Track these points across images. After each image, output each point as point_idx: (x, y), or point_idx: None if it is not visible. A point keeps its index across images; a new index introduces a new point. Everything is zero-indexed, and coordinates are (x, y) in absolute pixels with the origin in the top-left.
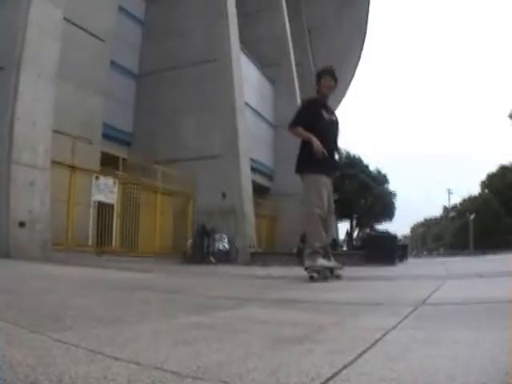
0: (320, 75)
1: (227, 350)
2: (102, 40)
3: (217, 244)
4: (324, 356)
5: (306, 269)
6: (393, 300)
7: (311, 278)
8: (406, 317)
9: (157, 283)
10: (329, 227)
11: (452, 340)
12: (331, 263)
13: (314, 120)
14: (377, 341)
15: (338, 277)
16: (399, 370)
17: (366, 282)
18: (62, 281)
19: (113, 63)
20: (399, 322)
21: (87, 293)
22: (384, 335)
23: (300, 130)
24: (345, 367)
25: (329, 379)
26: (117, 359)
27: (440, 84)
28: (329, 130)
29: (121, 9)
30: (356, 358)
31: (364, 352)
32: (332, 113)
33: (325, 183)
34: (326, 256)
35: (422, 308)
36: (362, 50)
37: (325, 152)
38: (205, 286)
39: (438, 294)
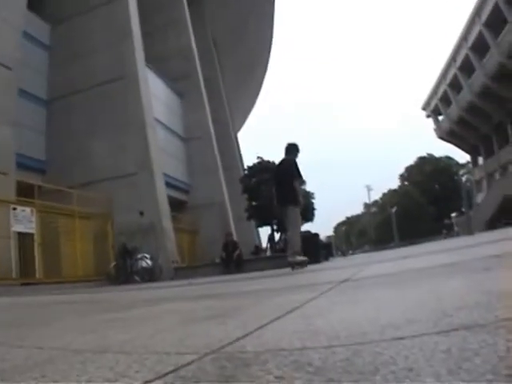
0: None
1: (135, 332)
2: (9, 68)
3: (140, 263)
4: (237, 324)
5: (290, 263)
6: (315, 282)
7: (293, 268)
8: (327, 290)
9: (74, 299)
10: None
11: (372, 298)
12: (302, 258)
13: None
14: (295, 308)
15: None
16: (316, 324)
17: (291, 276)
18: None
19: (21, 90)
20: (320, 294)
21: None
22: (303, 304)
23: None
24: (257, 329)
25: (239, 338)
26: (21, 347)
27: (352, 79)
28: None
29: (26, 34)
30: (271, 321)
31: (280, 317)
32: (281, 163)
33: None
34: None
35: (344, 283)
36: (268, 56)
37: None
38: (121, 296)
39: (360, 274)
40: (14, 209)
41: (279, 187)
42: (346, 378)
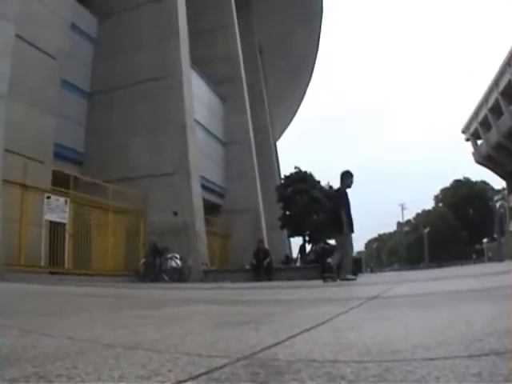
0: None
1: (166, 331)
2: (54, 58)
3: (169, 262)
4: (269, 332)
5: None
6: (345, 297)
7: (324, 281)
8: (357, 306)
9: (103, 292)
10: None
11: (402, 317)
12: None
13: (347, 200)
14: (325, 321)
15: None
16: (347, 338)
17: (321, 288)
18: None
19: (64, 81)
20: (350, 309)
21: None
22: (333, 317)
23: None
24: (289, 338)
25: (271, 346)
26: (51, 336)
27: (391, 95)
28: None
29: (73, 26)
30: (302, 332)
31: (311, 328)
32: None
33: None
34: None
35: (374, 300)
36: (314, 65)
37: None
38: (151, 294)
39: (390, 292)
40: (48, 197)
41: (331, 215)
42: None
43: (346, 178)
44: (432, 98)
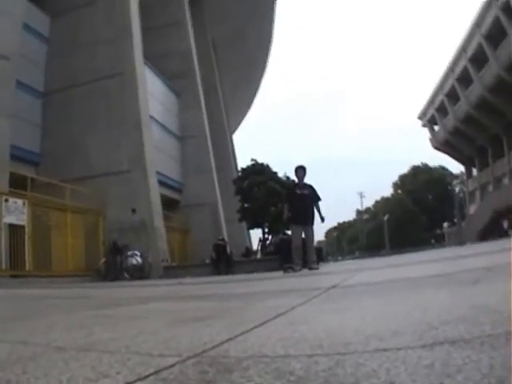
0: (296, 169)
1: (121, 330)
2: (7, 58)
3: (130, 260)
4: (223, 328)
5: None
6: (304, 287)
7: (285, 271)
8: (315, 296)
9: (63, 294)
10: (308, 248)
11: (359, 306)
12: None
13: (291, 197)
14: (281, 314)
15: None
16: (300, 331)
17: (281, 280)
18: None
19: (18, 82)
20: (307, 300)
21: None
22: (289, 310)
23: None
24: (242, 333)
25: (223, 342)
26: (4, 342)
27: (347, 83)
28: (299, 201)
29: (25, 25)
30: (256, 326)
31: (266, 322)
32: (304, 188)
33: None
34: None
35: (332, 290)
36: (268, 57)
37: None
38: (110, 293)
39: (350, 280)
40: (6, 200)
41: (304, 209)
42: None
43: (305, 172)
44: (387, 84)
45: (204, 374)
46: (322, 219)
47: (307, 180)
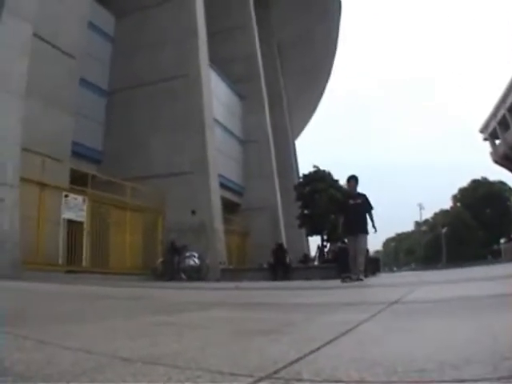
0: (348, 179)
1: (186, 341)
2: (73, 57)
3: (187, 261)
4: (290, 344)
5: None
6: (365, 301)
7: (343, 281)
8: (378, 312)
9: (121, 294)
10: (357, 257)
11: (423, 325)
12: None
13: (344, 207)
14: (347, 331)
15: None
16: (371, 352)
17: (338, 290)
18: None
19: (83, 80)
20: (371, 317)
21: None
22: (354, 327)
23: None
24: (312, 352)
25: (293, 362)
26: (68, 349)
27: (412, 90)
28: (352, 211)
29: (91, 25)
30: (325, 344)
31: (333, 340)
32: (357, 198)
33: (350, 238)
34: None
35: (395, 306)
36: (333, 62)
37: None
38: (169, 295)
39: (410, 296)
40: (66, 196)
41: (357, 219)
42: None
43: (358, 182)
44: (450, 96)
45: None
46: (375, 228)
47: (364, 186)
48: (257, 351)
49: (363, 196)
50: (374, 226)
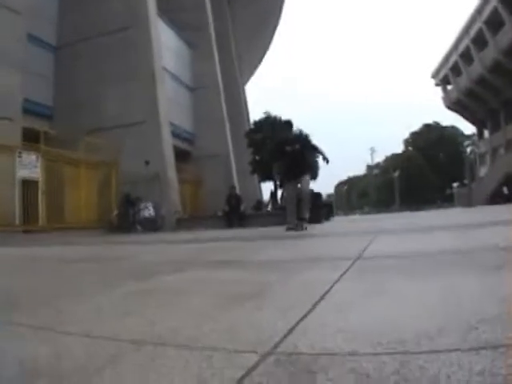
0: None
1: (177, 315)
2: (19, 12)
3: (142, 212)
4: (275, 312)
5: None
6: (328, 255)
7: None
8: (347, 270)
9: (85, 254)
10: (302, 205)
11: (392, 287)
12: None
13: (280, 156)
14: (325, 293)
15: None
16: (352, 321)
17: (299, 240)
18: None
19: (29, 36)
20: (341, 276)
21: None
22: (330, 289)
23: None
24: (298, 323)
25: (286, 335)
26: (69, 334)
27: (362, 39)
28: (291, 157)
29: None
30: (308, 313)
31: (314, 307)
32: (295, 143)
33: (289, 185)
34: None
35: (359, 262)
36: (281, 12)
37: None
38: (136, 251)
39: (372, 248)
40: (20, 154)
41: (295, 164)
42: None
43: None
44: (404, 41)
45: (292, 376)
46: (326, 160)
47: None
48: (247, 323)
49: (302, 138)
50: (324, 158)
